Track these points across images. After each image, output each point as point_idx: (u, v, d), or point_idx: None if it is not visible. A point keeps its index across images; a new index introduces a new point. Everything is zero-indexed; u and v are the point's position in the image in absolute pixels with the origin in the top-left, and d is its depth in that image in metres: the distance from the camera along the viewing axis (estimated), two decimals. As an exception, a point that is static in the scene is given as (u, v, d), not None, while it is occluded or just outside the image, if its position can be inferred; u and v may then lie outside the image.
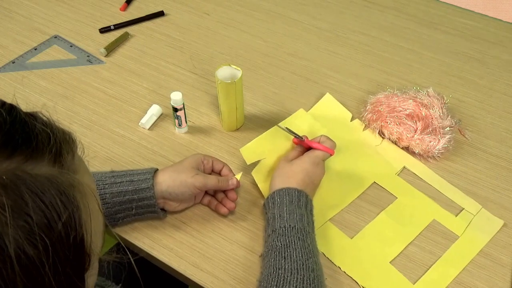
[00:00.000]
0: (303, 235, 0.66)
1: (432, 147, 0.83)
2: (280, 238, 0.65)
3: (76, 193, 0.37)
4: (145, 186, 0.68)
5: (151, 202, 0.69)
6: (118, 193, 0.68)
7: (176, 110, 0.84)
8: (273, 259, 0.64)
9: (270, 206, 0.70)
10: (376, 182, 0.81)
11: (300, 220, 0.67)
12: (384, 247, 0.73)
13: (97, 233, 0.40)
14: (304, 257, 0.63)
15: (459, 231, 0.75)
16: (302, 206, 0.69)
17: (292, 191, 0.70)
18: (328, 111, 0.92)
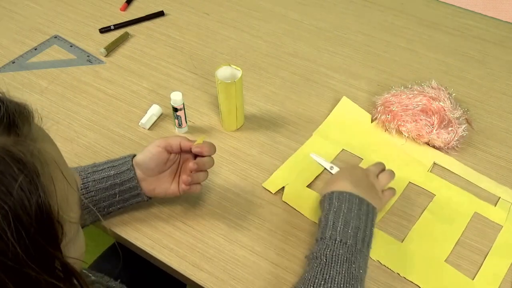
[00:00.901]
0: (352, 255, 0.62)
1: (451, 138, 0.84)
2: (327, 252, 0.62)
3: (35, 160, 0.37)
4: (126, 168, 0.69)
5: (134, 184, 0.69)
6: (100, 179, 0.69)
7: (176, 110, 0.84)
8: (314, 275, 0.61)
9: (326, 206, 0.67)
10: (411, 182, 0.81)
11: (354, 235, 0.63)
12: (435, 247, 0.73)
13: (64, 201, 0.40)
14: (345, 286, 0.59)
15: (502, 221, 0.76)
16: (362, 216, 0.66)
17: (354, 198, 0.67)
18: (347, 115, 0.92)
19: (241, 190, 0.79)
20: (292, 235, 0.74)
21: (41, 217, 0.36)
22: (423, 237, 0.74)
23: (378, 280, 0.69)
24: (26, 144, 0.37)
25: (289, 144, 0.87)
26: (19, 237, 0.34)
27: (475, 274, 0.70)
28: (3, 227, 0.33)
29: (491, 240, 0.74)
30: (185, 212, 0.76)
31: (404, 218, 0.77)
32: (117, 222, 0.75)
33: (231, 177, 0.81)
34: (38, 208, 0.36)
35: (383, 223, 0.76)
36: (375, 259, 0.71)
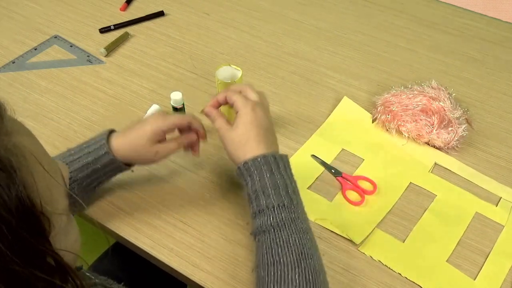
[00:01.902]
0: (293, 213, 0.62)
1: (451, 139, 0.84)
2: (271, 221, 0.61)
3: (10, 155, 0.36)
4: (102, 152, 0.68)
5: (116, 165, 0.70)
6: (81, 167, 0.68)
7: (176, 110, 0.84)
8: (268, 247, 0.60)
9: (247, 179, 0.64)
10: (412, 183, 0.81)
11: (287, 194, 0.62)
12: (437, 247, 0.73)
13: (47, 193, 0.39)
14: (301, 242, 0.59)
15: (503, 221, 0.77)
16: (283, 172, 0.64)
17: (268, 159, 0.63)
18: (348, 115, 0.92)
19: (241, 190, 0.79)
20: (292, 235, 0.74)
21: (22, 211, 0.35)
22: (425, 238, 0.74)
23: (379, 280, 0.69)
24: (0, 139, 0.37)
25: (289, 144, 0.87)
26: (1, 234, 0.34)
27: (476, 274, 0.70)
28: None
29: (492, 240, 0.74)
30: (185, 212, 0.76)
31: (405, 219, 0.77)
32: (117, 222, 0.75)
33: (231, 177, 0.81)
34: (18, 202, 0.35)
35: (384, 223, 0.76)
36: (376, 259, 0.71)
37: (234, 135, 0.66)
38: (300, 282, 0.56)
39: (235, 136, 0.66)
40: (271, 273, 0.58)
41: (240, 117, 0.66)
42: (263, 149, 0.64)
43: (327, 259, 0.71)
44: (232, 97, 0.68)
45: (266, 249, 0.60)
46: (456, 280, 0.70)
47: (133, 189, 0.79)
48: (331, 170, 0.82)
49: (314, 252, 0.60)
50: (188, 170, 0.82)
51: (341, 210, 0.77)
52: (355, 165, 0.84)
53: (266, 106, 0.69)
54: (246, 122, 0.65)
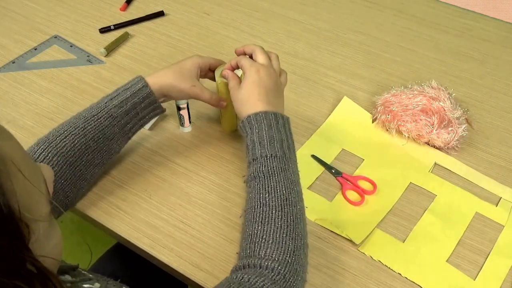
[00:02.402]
0: (285, 164, 0.66)
1: (451, 139, 0.84)
2: (262, 168, 0.66)
3: None
4: (140, 85, 0.74)
5: (153, 98, 0.75)
6: (120, 103, 0.73)
7: (179, 109, 0.84)
8: (257, 192, 0.65)
9: (248, 131, 0.70)
10: (412, 183, 0.81)
11: (281, 147, 0.67)
12: (437, 247, 0.73)
13: (27, 200, 0.38)
14: (287, 191, 0.64)
15: (503, 220, 0.77)
16: (281, 129, 0.69)
17: (269, 115, 0.69)
18: (348, 115, 0.92)
19: (241, 190, 0.79)
20: (292, 235, 0.74)
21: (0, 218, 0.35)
22: (425, 238, 0.74)
23: (379, 280, 0.69)
24: None
25: (289, 144, 0.87)
26: None
27: (476, 274, 0.70)
28: None
29: (492, 240, 0.74)
30: (185, 212, 0.76)
31: (405, 219, 0.77)
32: (117, 222, 0.75)
33: (231, 177, 0.81)
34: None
35: (384, 223, 0.76)
36: (376, 259, 0.71)
37: (240, 94, 0.72)
38: (282, 224, 0.62)
39: (240, 94, 0.72)
40: (257, 215, 0.63)
41: (245, 78, 0.73)
42: (265, 107, 0.70)
43: (327, 259, 0.71)
44: (241, 60, 0.75)
45: (255, 194, 0.65)
46: (456, 280, 0.70)
47: (133, 189, 0.79)
48: (331, 170, 0.82)
49: (298, 202, 0.65)
50: (188, 170, 0.82)
51: (341, 210, 0.77)
52: (355, 165, 0.84)
53: (276, 67, 0.76)
54: (249, 82, 0.71)
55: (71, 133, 0.70)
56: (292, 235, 0.61)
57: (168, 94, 0.77)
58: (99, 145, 0.72)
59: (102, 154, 0.73)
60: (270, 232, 0.61)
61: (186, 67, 0.78)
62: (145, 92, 0.74)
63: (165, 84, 0.76)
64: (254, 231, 0.62)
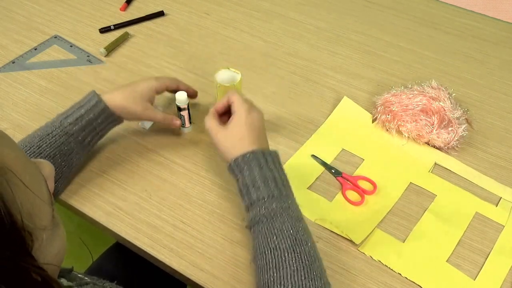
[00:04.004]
0: (284, 202, 0.64)
1: (451, 139, 0.84)
2: (263, 212, 0.63)
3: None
4: (94, 102, 0.74)
5: (108, 113, 0.75)
6: (75, 120, 0.73)
7: (180, 109, 0.84)
8: (263, 236, 0.62)
9: (238, 174, 0.67)
10: (412, 183, 0.81)
11: (276, 186, 0.65)
12: (437, 247, 0.73)
13: (29, 207, 0.38)
14: (294, 230, 0.62)
15: (503, 220, 0.77)
16: (272, 166, 0.67)
17: (257, 154, 0.66)
18: (348, 115, 0.92)
19: (241, 190, 0.79)
20: (292, 235, 0.74)
21: (2, 228, 0.34)
22: (425, 238, 0.74)
23: (379, 280, 0.69)
24: None
25: (289, 144, 0.87)
26: None
27: (476, 274, 0.70)
28: None
29: (492, 240, 0.74)
30: (185, 212, 0.76)
31: (405, 219, 0.77)
32: (117, 222, 0.75)
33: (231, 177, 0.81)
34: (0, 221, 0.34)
35: (384, 223, 0.76)
36: (376, 259, 0.71)
37: (228, 135, 0.69)
38: (298, 266, 0.59)
39: (229, 136, 0.69)
40: (269, 260, 0.60)
41: (236, 118, 0.70)
42: (252, 147, 0.68)
43: (327, 259, 0.71)
44: (231, 96, 0.72)
45: (262, 238, 0.62)
46: (456, 280, 0.70)
47: (133, 189, 0.79)
48: (331, 170, 0.82)
49: (307, 239, 0.62)
50: (188, 170, 0.82)
51: (341, 210, 0.77)
52: (355, 165, 0.84)
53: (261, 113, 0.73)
54: (241, 123, 0.69)
55: (26, 152, 0.69)
56: (310, 276, 0.58)
57: (120, 115, 0.77)
58: (56, 161, 0.71)
59: (61, 169, 0.72)
60: (287, 276, 0.58)
61: (139, 90, 0.77)
62: (100, 108, 0.74)
63: (117, 105, 0.76)
64: (270, 278, 0.59)
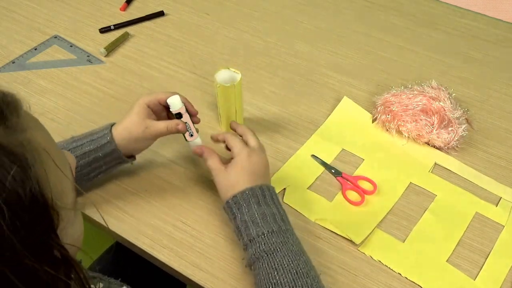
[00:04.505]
0: (283, 237, 0.64)
1: (451, 139, 0.84)
2: (263, 247, 0.63)
3: (25, 151, 0.37)
4: (105, 141, 0.70)
5: (117, 155, 0.72)
6: (82, 155, 0.70)
7: (180, 115, 0.73)
8: (265, 272, 0.61)
9: (236, 212, 0.66)
10: (412, 183, 0.81)
11: (275, 221, 0.65)
12: (437, 247, 0.73)
13: (58, 187, 0.40)
14: (295, 263, 0.61)
15: (503, 221, 0.77)
16: (270, 202, 0.67)
17: (255, 191, 0.66)
18: (348, 115, 0.92)
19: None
20: (292, 235, 0.74)
21: (35, 206, 0.36)
22: (425, 238, 0.74)
23: (379, 280, 0.69)
24: (16, 135, 0.38)
25: (289, 144, 0.87)
26: (14, 229, 0.34)
27: (476, 274, 0.70)
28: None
29: (492, 240, 0.74)
30: (185, 212, 0.76)
31: (405, 219, 0.77)
32: (117, 222, 0.75)
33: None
34: (32, 197, 0.36)
35: (384, 223, 0.76)
36: (376, 259, 0.71)
37: (226, 179, 0.69)
38: None
39: (226, 180, 0.68)
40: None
41: (235, 162, 0.69)
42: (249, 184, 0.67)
43: (327, 259, 0.71)
44: (230, 141, 0.71)
45: (263, 275, 0.61)
46: (456, 280, 0.70)
47: (133, 189, 0.79)
48: (331, 170, 0.82)
49: (309, 271, 0.62)
50: (189, 170, 0.82)
51: (341, 210, 0.77)
52: (355, 165, 0.84)
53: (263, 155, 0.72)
54: (239, 168, 0.68)
55: None
56: None
57: (131, 153, 0.75)
58: None
59: None
60: None
61: (134, 112, 0.72)
62: (110, 148, 0.71)
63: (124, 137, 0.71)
64: None
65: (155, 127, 0.71)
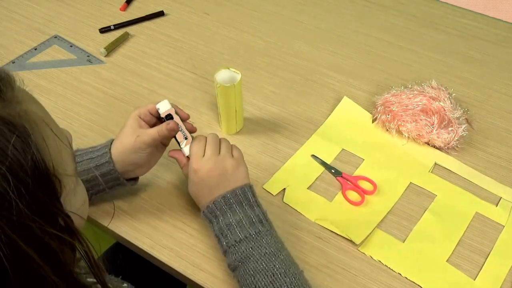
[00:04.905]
0: (255, 242, 0.63)
1: (451, 139, 0.84)
2: (235, 257, 0.63)
3: (23, 121, 0.39)
4: (104, 160, 0.69)
5: (115, 175, 0.70)
6: (81, 172, 0.69)
7: (171, 117, 0.71)
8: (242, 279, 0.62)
9: (212, 220, 0.67)
10: (412, 183, 0.81)
11: (251, 224, 0.65)
12: (437, 247, 0.73)
13: (58, 156, 0.42)
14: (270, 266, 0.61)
15: (503, 221, 0.77)
16: (243, 202, 0.66)
17: (227, 197, 0.66)
18: (348, 115, 0.92)
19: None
20: (292, 235, 0.74)
21: (37, 173, 0.38)
22: (425, 238, 0.74)
23: (379, 280, 0.69)
24: (13, 107, 0.39)
25: (289, 144, 0.87)
26: (19, 194, 0.36)
27: (476, 274, 0.70)
28: (4, 186, 0.35)
29: (492, 240, 0.74)
30: (185, 212, 0.76)
31: (405, 219, 0.77)
32: (117, 222, 0.75)
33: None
34: (33, 165, 0.38)
35: (384, 223, 0.76)
36: (376, 259, 0.71)
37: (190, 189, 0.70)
38: None
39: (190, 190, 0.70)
40: None
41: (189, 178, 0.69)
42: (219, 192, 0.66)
43: (327, 259, 0.71)
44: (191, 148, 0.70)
45: (243, 282, 0.63)
46: (456, 280, 0.70)
47: (133, 189, 0.79)
48: (331, 170, 0.82)
49: (287, 269, 0.62)
50: (188, 170, 0.82)
51: (341, 210, 0.77)
52: (355, 165, 0.84)
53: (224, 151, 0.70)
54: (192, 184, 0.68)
55: None
56: None
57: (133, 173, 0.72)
58: None
59: None
60: None
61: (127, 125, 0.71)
62: (107, 169, 0.69)
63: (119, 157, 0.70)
64: None
65: (146, 134, 0.69)
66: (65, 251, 0.40)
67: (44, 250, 0.38)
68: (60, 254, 0.39)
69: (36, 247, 0.37)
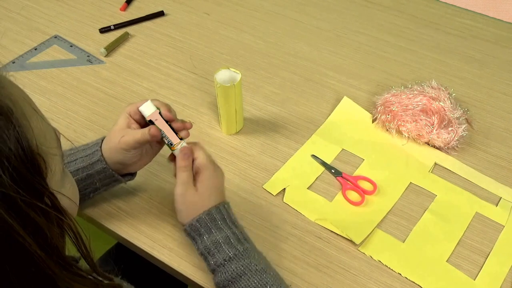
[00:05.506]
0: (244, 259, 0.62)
1: (451, 139, 0.84)
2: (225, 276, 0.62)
3: (5, 100, 0.40)
4: (96, 159, 0.68)
5: (109, 173, 0.68)
6: (75, 171, 0.69)
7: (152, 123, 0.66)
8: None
9: (196, 238, 0.65)
10: (412, 183, 0.81)
11: (238, 241, 0.64)
12: (437, 247, 0.73)
13: (42, 135, 0.43)
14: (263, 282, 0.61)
15: (503, 220, 0.77)
16: (227, 219, 0.65)
17: (212, 213, 0.64)
18: (348, 115, 0.92)
19: (241, 190, 0.79)
20: (292, 235, 0.74)
21: (21, 150, 0.39)
22: (425, 238, 0.74)
23: (379, 280, 0.69)
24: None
25: (289, 144, 0.87)
26: (2, 166, 0.37)
27: (476, 274, 0.70)
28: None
29: (492, 240, 0.74)
30: (185, 212, 0.76)
31: (405, 219, 0.77)
32: (117, 222, 0.75)
33: (231, 177, 0.81)
34: (17, 142, 0.39)
35: (385, 223, 0.76)
36: (376, 259, 0.71)
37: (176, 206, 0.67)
38: None
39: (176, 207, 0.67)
40: None
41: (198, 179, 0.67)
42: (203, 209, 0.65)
43: (327, 259, 0.71)
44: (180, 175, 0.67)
45: None
46: (456, 280, 0.70)
47: (133, 189, 0.79)
48: (331, 170, 0.82)
49: (280, 285, 0.62)
50: (188, 170, 0.82)
51: (341, 210, 0.77)
52: (355, 165, 0.84)
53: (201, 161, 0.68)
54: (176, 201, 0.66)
55: None
56: None
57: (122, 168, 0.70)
58: None
59: None
60: None
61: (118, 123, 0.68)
62: (100, 167, 0.68)
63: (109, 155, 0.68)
64: None
65: (130, 135, 0.66)
66: (53, 230, 0.41)
67: (29, 224, 0.38)
68: (46, 230, 0.40)
69: (20, 220, 0.38)
